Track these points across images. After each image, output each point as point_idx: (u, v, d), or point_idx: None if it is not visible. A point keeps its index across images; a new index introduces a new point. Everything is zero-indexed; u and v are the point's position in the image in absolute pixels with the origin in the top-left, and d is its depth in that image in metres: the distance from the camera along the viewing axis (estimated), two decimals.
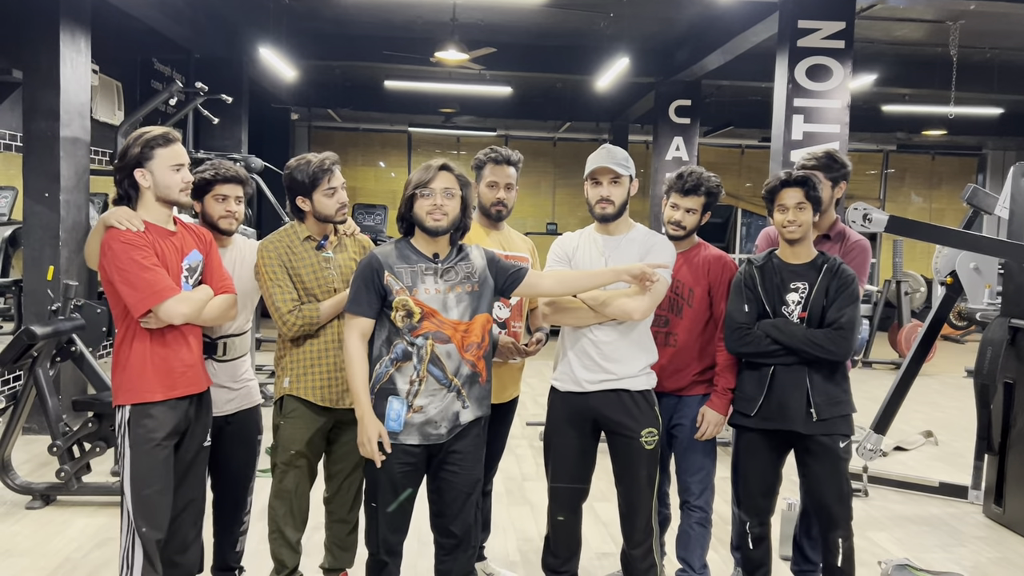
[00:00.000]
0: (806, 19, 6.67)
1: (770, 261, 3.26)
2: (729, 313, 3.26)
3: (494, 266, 2.94)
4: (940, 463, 6.08)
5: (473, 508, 2.94)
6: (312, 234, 3.21)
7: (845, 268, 3.18)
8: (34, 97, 5.91)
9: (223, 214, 3.19)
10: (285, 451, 3.21)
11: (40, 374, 4.68)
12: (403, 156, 15.95)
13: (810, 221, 3.16)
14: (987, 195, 5.29)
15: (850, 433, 3.20)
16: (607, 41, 9.61)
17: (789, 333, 3.12)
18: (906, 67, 10.69)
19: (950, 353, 11.56)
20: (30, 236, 5.99)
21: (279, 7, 9.03)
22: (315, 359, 3.18)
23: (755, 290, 3.23)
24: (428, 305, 2.82)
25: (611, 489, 3.25)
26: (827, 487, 3.16)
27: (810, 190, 3.14)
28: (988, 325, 5.12)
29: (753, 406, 3.19)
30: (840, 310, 3.11)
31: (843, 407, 3.17)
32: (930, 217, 16.12)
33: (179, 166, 2.85)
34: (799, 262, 3.21)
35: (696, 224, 3.39)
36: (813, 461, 3.17)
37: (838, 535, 3.17)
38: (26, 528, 4.33)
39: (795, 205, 3.13)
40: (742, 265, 3.32)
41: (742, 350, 3.21)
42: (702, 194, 3.34)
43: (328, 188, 3.15)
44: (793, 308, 3.17)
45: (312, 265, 3.17)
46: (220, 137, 9.49)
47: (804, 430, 3.13)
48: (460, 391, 2.85)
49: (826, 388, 3.14)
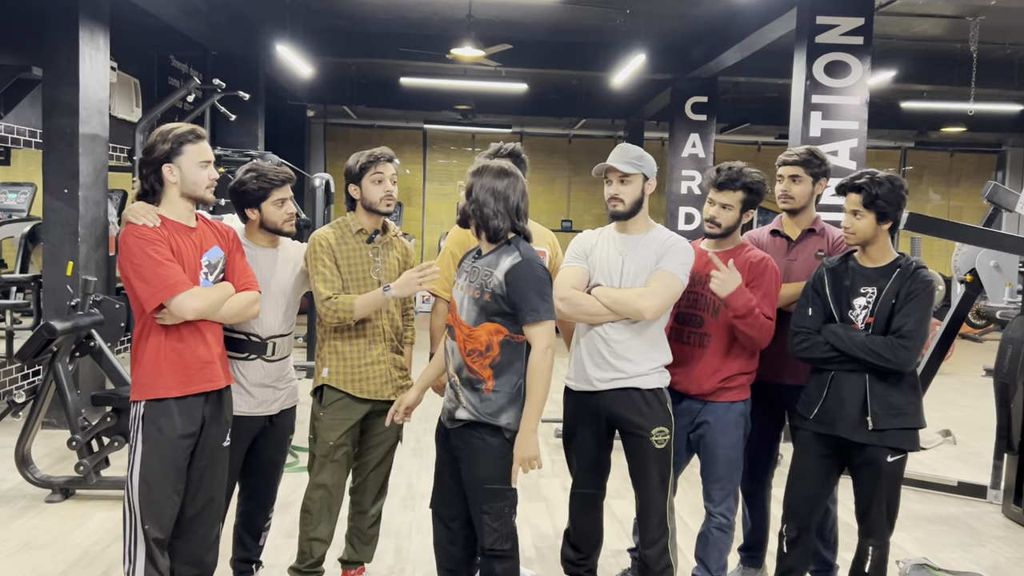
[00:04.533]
0: (824, 15, 6.62)
1: (844, 264, 3.12)
2: (793, 317, 3.17)
3: (516, 292, 2.76)
4: (959, 462, 6.03)
5: (481, 515, 2.86)
6: (364, 227, 3.29)
7: (922, 274, 2.98)
8: (54, 94, 5.96)
9: (286, 218, 3.24)
10: (324, 443, 3.26)
11: (59, 369, 4.72)
12: (418, 153, 15.97)
13: (866, 228, 3.00)
14: (1007, 192, 5.24)
15: (908, 448, 3.02)
16: (623, 38, 9.58)
17: (848, 339, 2.99)
18: (925, 63, 10.61)
19: (969, 352, 11.46)
20: (49, 232, 6.04)
21: (296, 4, 9.06)
22: (354, 351, 3.25)
23: (823, 293, 3.11)
24: (453, 298, 2.93)
25: (626, 487, 3.25)
26: (867, 495, 3.05)
27: (866, 197, 2.98)
28: (1008, 323, 5.08)
29: (812, 409, 3.10)
30: (905, 317, 2.93)
31: (906, 419, 2.99)
32: (948, 214, 16.00)
33: (206, 163, 2.88)
34: (874, 266, 3.06)
35: (734, 222, 3.28)
36: (858, 468, 3.06)
37: (870, 542, 3.08)
38: (46, 521, 4.37)
39: (850, 211, 3.03)
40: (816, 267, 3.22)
41: (802, 355, 3.10)
42: (739, 188, 3.23)
43: (376, 174, 3.24)
44: (860, 313, 3.03)
45: (360, 258, 3.26)
46: (237, 134, 9.53)
47: (855, 438, 3.01)
48: (456, 388, 2.88)
49: (888, 397, 2.98)
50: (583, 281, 3.15)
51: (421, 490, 4.98)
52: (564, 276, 3.17)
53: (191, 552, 2.97)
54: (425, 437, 6.06)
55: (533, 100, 13.98)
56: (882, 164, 16.02)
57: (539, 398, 2.77)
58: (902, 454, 3.02)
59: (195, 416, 2.87)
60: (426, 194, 15.95)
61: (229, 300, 2.91)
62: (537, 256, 2.85)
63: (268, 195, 3.18)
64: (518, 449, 2.79)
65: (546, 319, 2.76)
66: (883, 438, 2.98)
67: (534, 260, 2.81)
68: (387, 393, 3.32)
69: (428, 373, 3.18)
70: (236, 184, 3.19)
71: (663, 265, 3.07)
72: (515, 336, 2.81)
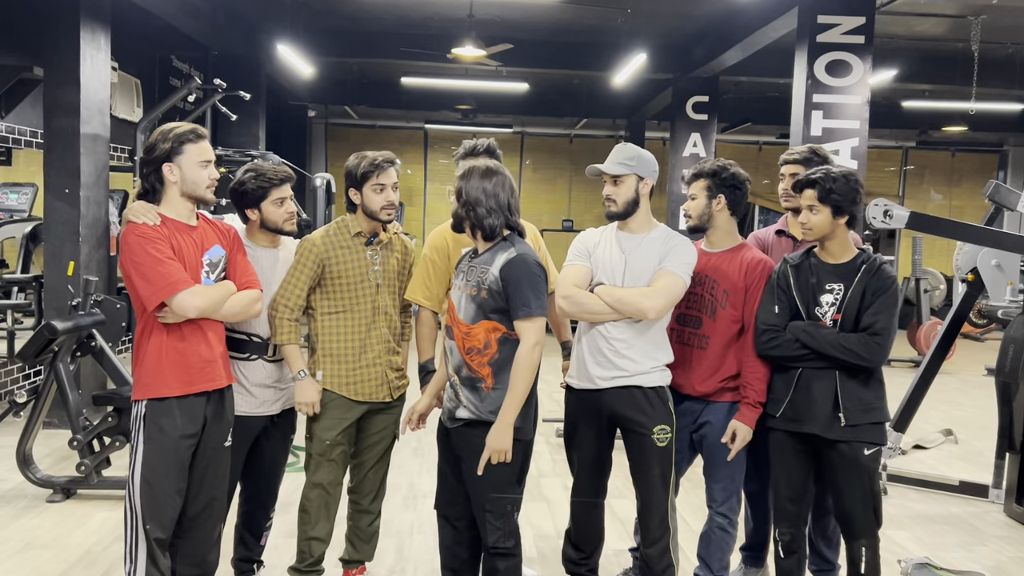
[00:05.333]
0: (825, 14, 6.62)
1: (807, 260, 3.12)
2: (758, 314, 3.15)
3: (509, 286, 2.78)
4: (960, 462, 6.03)
5: (484, 514, 2.87)
6: (363, 230, 3.27)
7: (886, 269, 3.02)
8: (55, 94, 5.96)
9: (286, 217, 3.23)
10: (320, 442, 3.25)
11: (61, 369, 4.72)
12: (419, 153, 15.96)
13: (822, 223, 3.03)
14: (1009, 191, 5.23)
15: (880, 442, 3.04)
16: (624, 37, 9.58)
17: (819, 337, 2.98)
18: (926, 63, 10.59)
19: (970, 351, 11.45)
20: (50, 232, 6.04)
21: (297, 4, 9.06)
22: (348, 354, 3.24)
23: (788, 290, 3.10)
24: (451, 299, 2.94)
25: (628, 486, 3.25)
26: (848, 495, 3.02)
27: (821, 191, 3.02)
28: (1010, 323, 5.07)
29: (778, 407, 3.09)
30: (876, 314, 2.94)
31: (875, 414, 3.02)
32: (950, 214, 15.97)
33: (207, 162, 2.88)
34: (837, 262, 3.07)
35: (703, 209, 3.27)
36: (836, 467, 3.03)
37: (860, 544, 3.05)
38: (47, 521, 4.37)
39: (807, 207, 3.06)
40: (778, 264, 3.21)
41: (770, 353, 3.09)
42: (698, 178, 3.28)
43: (376, 184, 3.20)
44: (827, 310, 3.03)
45: (358, 260, 3.24)
46: (238, 134, 9.53)
47: (828, 435, 3.00)
48: (456, 388, 2.89)
49: (858, 393, 2.99)
50: (586, 280, 3.15)
51: (423, 490, 4.98)
52: (567, 274, 3.17)
53: (193, 552, 2.97)
54: (427, 437, 6.06)
55: (534, 100, 13.98)
56: (883, 163, 16.01)
57: (520, 392, 2.78)
58: (876, 447, 3.04)
59: (197, 416, 2.87)
60: (427, 194, 15.94)
61: (231, 298, 2.91)
62: (532, 252, 2.87)
63: (267, 195, 3.17)
64: (491, 439, 2.79)
65: (537, 315, 2.76)
66: (857, 433, 2.99)
67: (529, 255, 2.82)
68: (382, 395, 3.32)
69: (438, 378, 3.19)
70: (235, 184, 3.19)
71: (666, 265, 3.07)
72: (512, 334, 2.82)
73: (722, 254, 3.29)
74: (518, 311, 2.76)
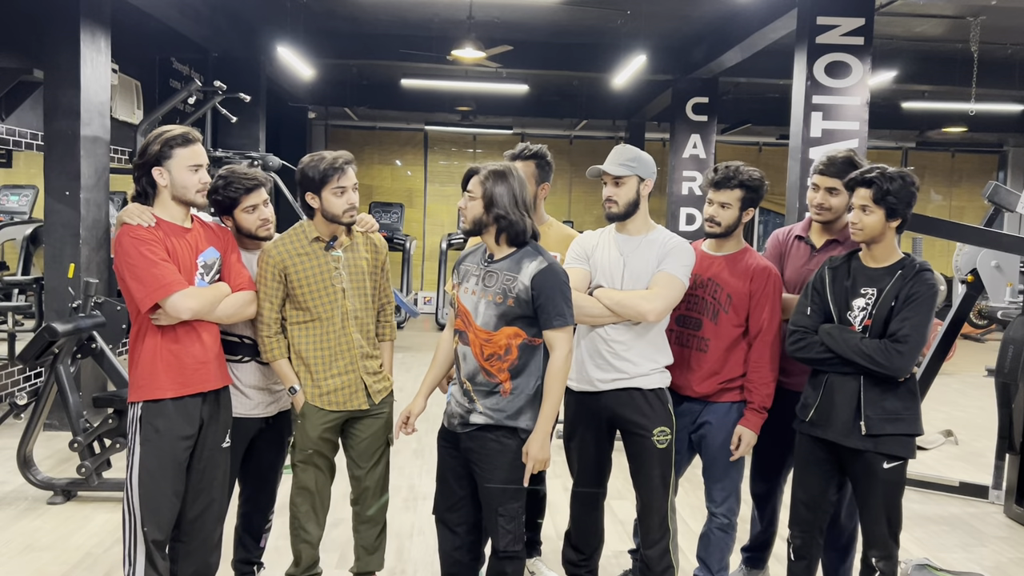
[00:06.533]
0: (825, 16, 6.62)
1: (847, 262, 3.02)
2: (792, 315, 3.09)
3: (542, 296, 2.75)
4: (960, 463, 6.03)
5: (496, 518, 2.85)
6: (321, 234, 3.14)
7: (924, 276, 2.86)
8: (55, 96, 5.96)
9: (259, 223, 3.17)
10: (303, 450, 3.22)
11: (61, 371, 4.72)
12: (419, 154, 15.97)
13: (874, 225, 2.90)
14: (1008, 192, 5.24)
15: (905, 455, 2.90)
16: (624, 39, 9.59)
17: (842, 341, 2.88)
18: (926, 64, 10.60)
19: (970, 352, 11.45)
20: (51, 234, 6.04)
21: (296, 6, 9.07)
22: (318, 364, 3.16)
23: (823, 292, 3.01)
24: (463, 303, 2.87)
25: (627, 488, 3.25)
26: (867, 507, 2.94)
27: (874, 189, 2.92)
28: (1009, 323, 5.07)
29: (808, 412, 3.01)
30: (903, 321, 2.81)
31: (901, 425, 2.88)
32: (950, 215, 15.97)
33: (197, 167, 2.85)
34: (877, 265, 2.95)
35: (734, 220, 3.21)
36: (856, 478, 2.96)
37: (873, 554, 2.96)
38: (48, 523, 4.37)
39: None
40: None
41: (797, 355, 3.02)
42: (736, 187, 3.17)
43: (337, 187, 3.06)
44: (858, 314, 2.92)
45: (320, 266, 3.12)
46: (238, 136, 9.54)
47: (847, 443, 2.91)
48: (471, 394, 2.85)
49: (883, 402, 2.87)
50: (585, 282, 3.15)
51: (423, 491, 4.98)
52: None
53: (194, 554, 2.97)
54: (427, 438, 6.05)
55: (534, 101, 13.98)
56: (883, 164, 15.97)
57: (556, 401, 2.80)
58: (899, 461, 2.90)
59: (193, 417, 2.87)
60: (427, 195, 15.94)
61: (225, 300, 2.91)
62: (556, 260, 2.87)
63: (237, 203, 3.12)
64: (533, 450, 2.78)
65: (570, 324, 2.79)
66: (877, 444, 2.87)
67: (557, 264, 2.83)
68: (358, 403, 3.19)
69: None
70: (209, 192, 3.06)
71: (664, 267, 3.07)
72: (533, 339, 2.82)
73: (726, 258, 3.27)
74: (552, 320, 2.75)
